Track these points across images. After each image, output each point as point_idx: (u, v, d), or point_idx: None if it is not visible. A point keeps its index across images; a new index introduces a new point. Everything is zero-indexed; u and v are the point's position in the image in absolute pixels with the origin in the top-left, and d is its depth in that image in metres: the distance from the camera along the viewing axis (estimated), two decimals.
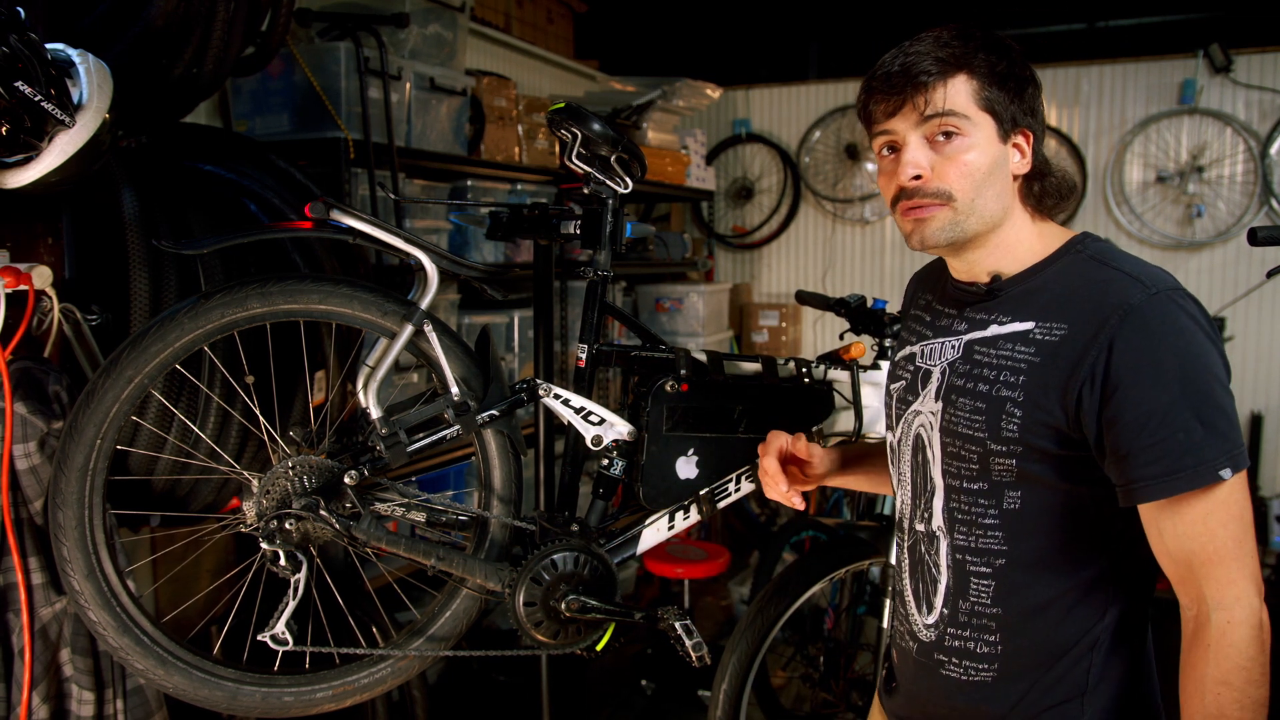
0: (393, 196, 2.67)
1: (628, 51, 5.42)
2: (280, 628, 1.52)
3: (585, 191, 1.66)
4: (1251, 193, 4.60)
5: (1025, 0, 5.56)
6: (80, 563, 1.47)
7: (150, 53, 1.69)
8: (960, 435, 1.19)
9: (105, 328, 1.68)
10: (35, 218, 1.67)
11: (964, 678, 1.22)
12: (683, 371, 1.69)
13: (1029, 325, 1.16)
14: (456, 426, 1.58)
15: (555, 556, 1.61)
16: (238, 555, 2.23)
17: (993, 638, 1.20)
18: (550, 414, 2.14)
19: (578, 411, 1.65)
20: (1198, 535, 1.06)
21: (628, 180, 1.65)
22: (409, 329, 1.54)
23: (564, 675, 3.07)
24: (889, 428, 1.37)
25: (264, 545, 1.51)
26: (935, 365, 1.25)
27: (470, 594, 1.65)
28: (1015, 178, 1.20)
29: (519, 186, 3.35)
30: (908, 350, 1.34)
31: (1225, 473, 1.04)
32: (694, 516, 1.73)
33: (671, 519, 1.71)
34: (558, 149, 3.49)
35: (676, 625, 1.68)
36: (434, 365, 1.59)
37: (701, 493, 1.70)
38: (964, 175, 1.15)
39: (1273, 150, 4.53)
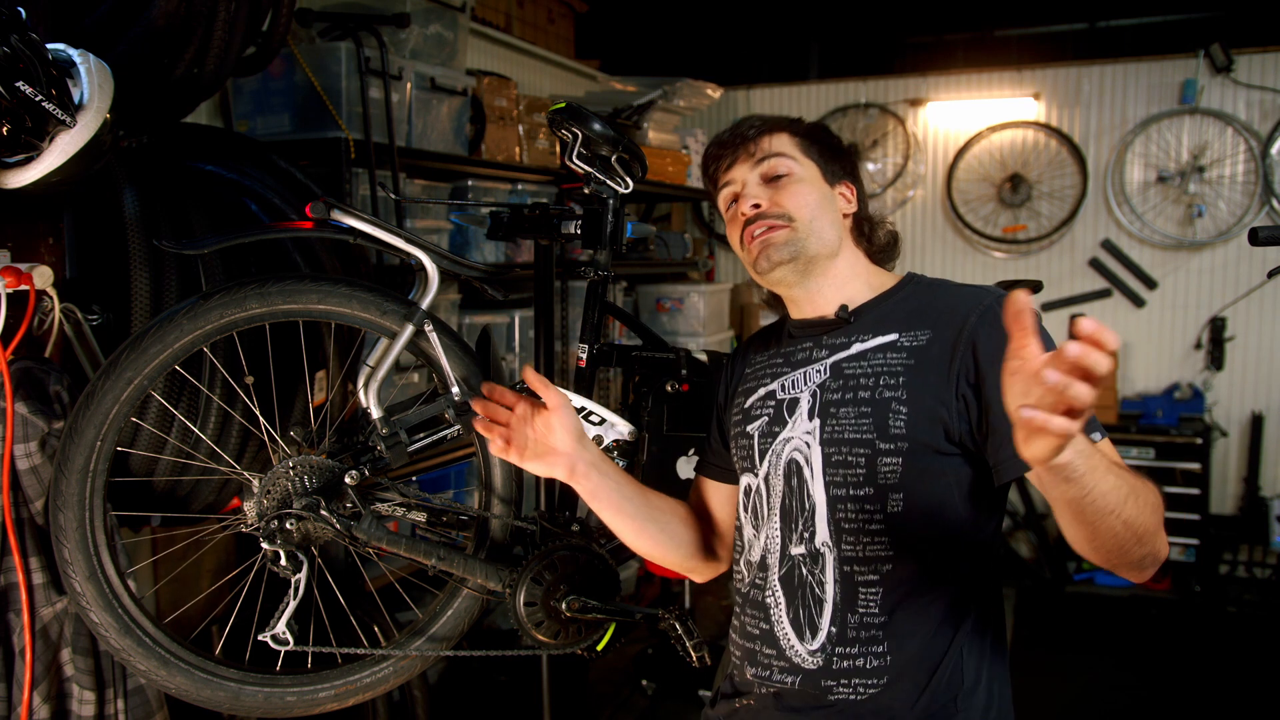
0: (393, 196, 2.67)
1: (628, 51, 5.42)
2: (281, 628, 1.52)
3: (586, 191, 1.66)
4: (1252, 193, 4.60)
5: (1025, 0, 5.55)
6: (82, 564, 1.47)
7: (151, 53, 1.69)
8: (847, 441, 1.23)
9: (106, 328, 1.68)
10: (36, 217, 1.67)
11: (853, 697, 1.21)
12: (683, 371, 1.69)
13: (893, 336, 1.26)
14: (457, 426, 1.58)
15: (556, 556, 1.61)
16: (239, 555, 2.23)
17: (880, 648, 1.20)
18: None
19: (578, 411, 1.65)
20: None
21: (628, 180, 1.65)
22: (409, 329, 1.54)
23: (565, 675, 3.07)
24: (746, 471, 1.36)
25: (265, 545, 1.51)
26: (802, 391, 1.30)
27: (471, 594, 1.65)
28: (845, 216, 1.35)
29: (520, 186, 3.35)
30: (763, 390, 1.36)
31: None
32: None
33: None
34: (558, 149, 3.49)
35: (677, 625, 1.68)
36: (435, 365, 1.59)
37: None
38: (798, 201, 1.30)
39: (1273, 150, 4.53)
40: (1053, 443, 0.84)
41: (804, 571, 1.25)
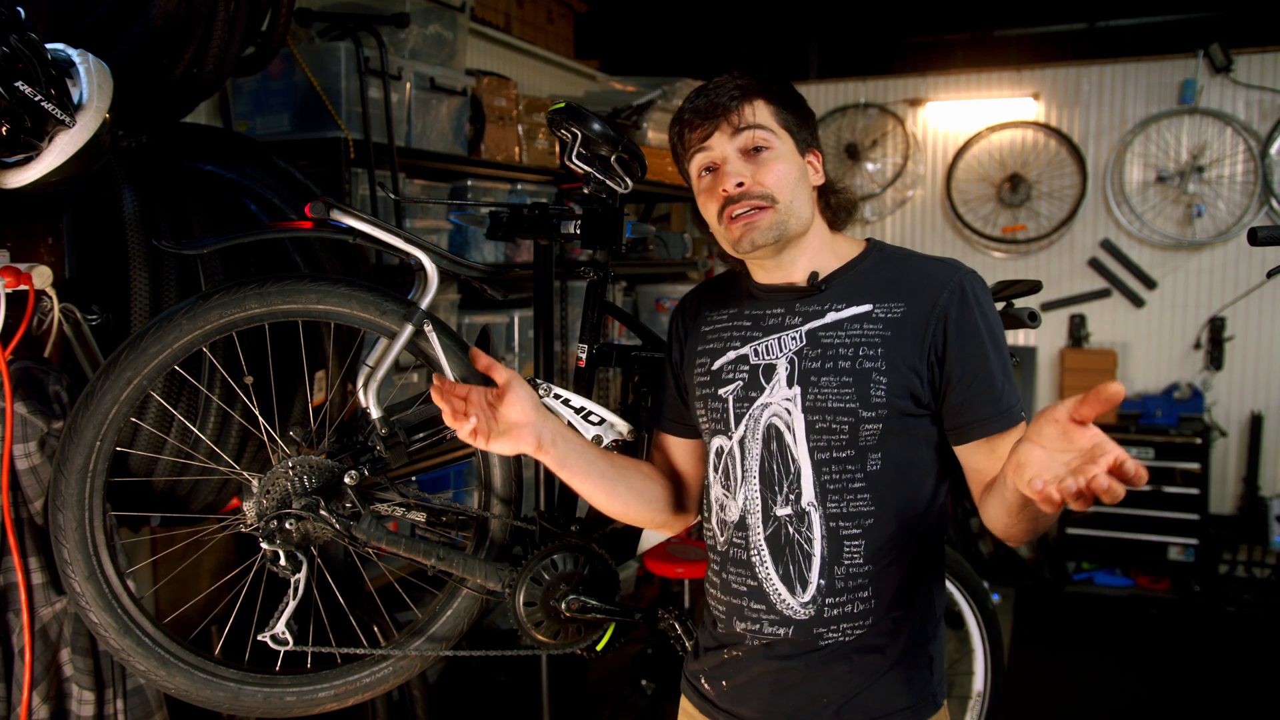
0: (393, 196, 2.66)
1: (628, 51, 5.41)
2: (280, 628, 1.52)
3: (585, 191, 1.66)
4: (1251, 193, 4.60)
5: (1025, 0, 5.55)
6: (81, 564, 1.47)
7: (151, 53, 1.69)
8: (830, 409, 1.29)
9: (105, 327, 1.68)
10: (36, 217, 1.67)
11: (843, 639, 1.31)
12: None
13: (867, 307, 1.31)
14: None
15: (555, 556, 1.61)
16: (238, 555, 2.23)
17: (866, 593, 1.31)
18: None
19: (578, 411, 1.65)
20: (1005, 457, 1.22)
21: (628, 180, 1.65)
22: (409, 329, 1.54)
23: (564, 675, 3.07)
24: (718, 434, 1.39)
25: (264, 545, 1.51)
26: (779, 358, 1.34)
27: (471, 594, 1.65)
28: (814, 189, 1.38)
29: (519, 186, 3.35)
30: (733, 354, 1.39)
31: (1024, 414, 1.27)
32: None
33: None
34: (558, 149, 3.49)
35: (676, 625, 1.68)
36: (434, 365, 1.59)
37: None
38: (780, 181, 1.31)
39: (1273, 150, 4.53)
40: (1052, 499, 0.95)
41: (791, 530, 1.32)
